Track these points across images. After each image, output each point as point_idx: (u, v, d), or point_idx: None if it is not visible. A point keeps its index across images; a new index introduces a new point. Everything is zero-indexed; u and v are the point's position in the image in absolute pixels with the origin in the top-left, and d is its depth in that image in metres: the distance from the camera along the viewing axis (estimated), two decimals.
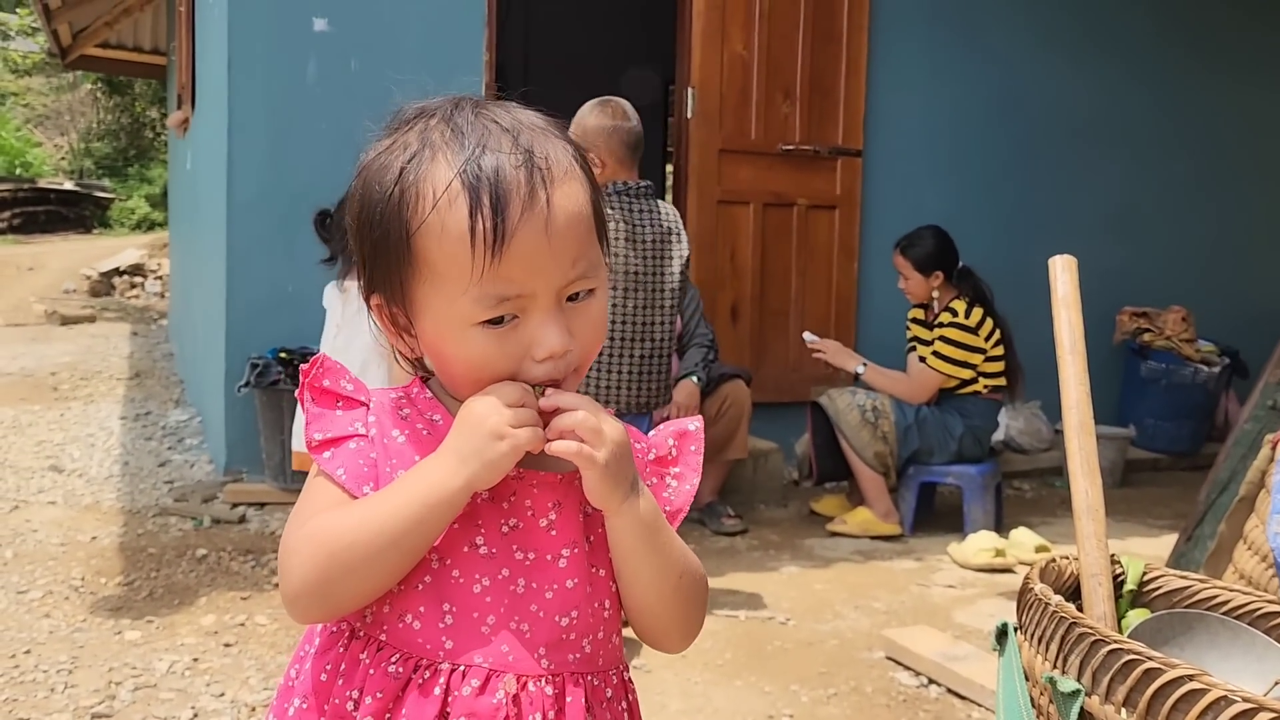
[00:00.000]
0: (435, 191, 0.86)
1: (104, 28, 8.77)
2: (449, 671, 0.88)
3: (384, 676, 0.88)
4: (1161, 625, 1.28)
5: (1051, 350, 1.43)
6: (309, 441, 0.93)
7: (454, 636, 0.89)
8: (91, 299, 10.80)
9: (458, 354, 0.89)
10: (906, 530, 3.98)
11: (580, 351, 0.90)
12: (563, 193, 0.87)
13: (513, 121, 0.90)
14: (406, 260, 0.88)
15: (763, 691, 2.56)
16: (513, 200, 0.84)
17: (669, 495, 0.99)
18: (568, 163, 0.90)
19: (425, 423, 0.94)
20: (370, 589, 0.89)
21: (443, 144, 0.87)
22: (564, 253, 0.86)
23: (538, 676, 0.89)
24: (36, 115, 17.23)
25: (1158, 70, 5.62)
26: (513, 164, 0.86)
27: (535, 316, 0.87)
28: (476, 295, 0.85)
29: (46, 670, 2.52)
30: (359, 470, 0.91)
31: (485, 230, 0.84)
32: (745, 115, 4.71)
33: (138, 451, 4.70)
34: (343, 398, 0.94)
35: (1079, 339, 1.41)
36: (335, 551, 0.87)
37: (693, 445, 1.00)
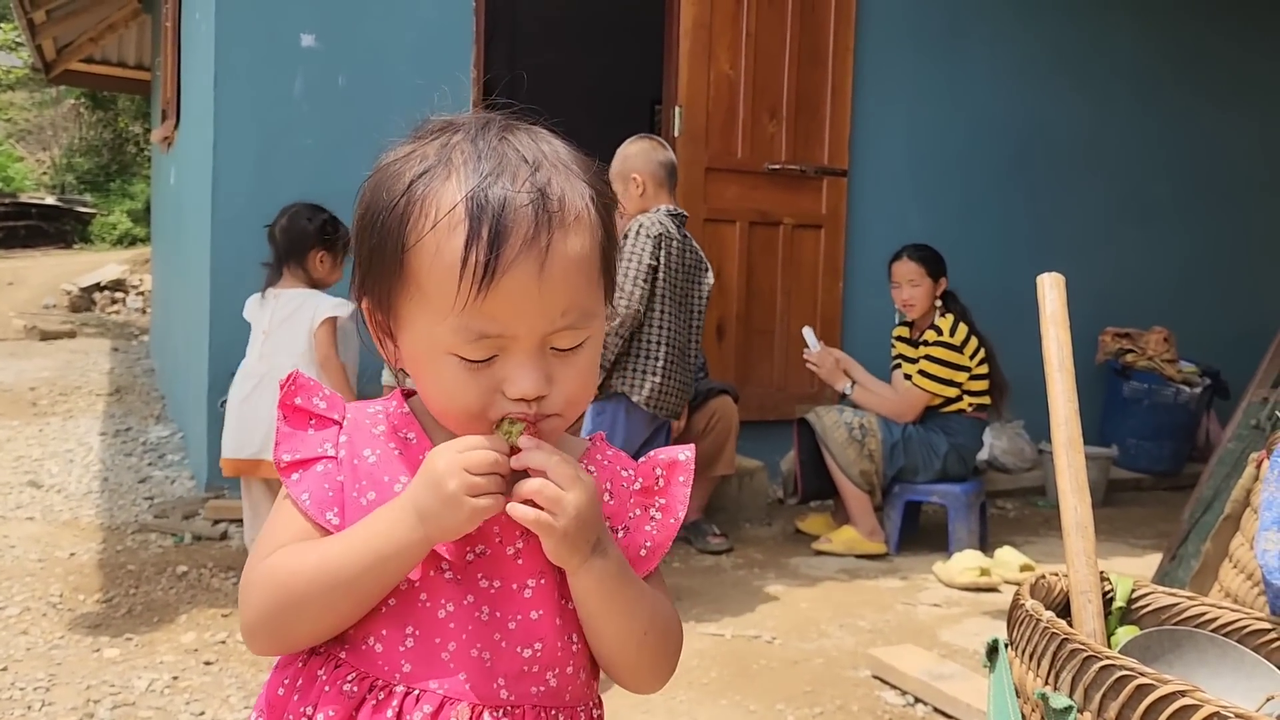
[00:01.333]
0: (438, 212, 0.84)
1: (88, 43, 8.75)
2: (403, 695, 0.86)
3: (339, 695, 0.87)
4: (1150, 642, 1.28)
5: (1035, 370, 1.44)
6: (277, 462, 0.91)
7: (413, 660, 0.87)
8: (72, 314, 10.73)
9: (432, 377, 0.88)
10: (892, 549, 3.98)
11: (560, 399, 0.88)
12: (568, 237, 0.85)
13: (536, 152, 0.87)
14: (398, 273, 0.86)
15: (748, 710, 2.54)
16: (511, 238, 0.82)
17: (650, 529, 0.95)
18: (582, 206, 0.87)
19: (399, 441, 0.92)
20: (324, 629, 0.88)
21: (459, 164, 0.85)
22: (554, 301, 0.84)
23: (494, 707, 0.87)
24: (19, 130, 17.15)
25: (1140, 93, 5.68)
26: (521, 201, 0.83)
27: (514, 357, 0.85)
28: (456, 325, 0.84)
29: (24, 688, 2.48)
30: (323, 495, 0.90)
31: (477, 263, 0.81)
32: (732, 134, 4.73)
33: (117, 467, 4.65)
34: (315, 415, 0.93)
35: (1067, 356, 1.41)
36: (290, 591, 0.86)
37: (681, 476, 0.96)
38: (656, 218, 3.57)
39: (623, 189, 3.62)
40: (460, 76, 4.25)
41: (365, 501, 0.89)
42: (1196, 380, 5.45)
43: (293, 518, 0.90)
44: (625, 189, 3.62)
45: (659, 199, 3.65)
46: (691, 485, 0.97)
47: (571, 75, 8.50)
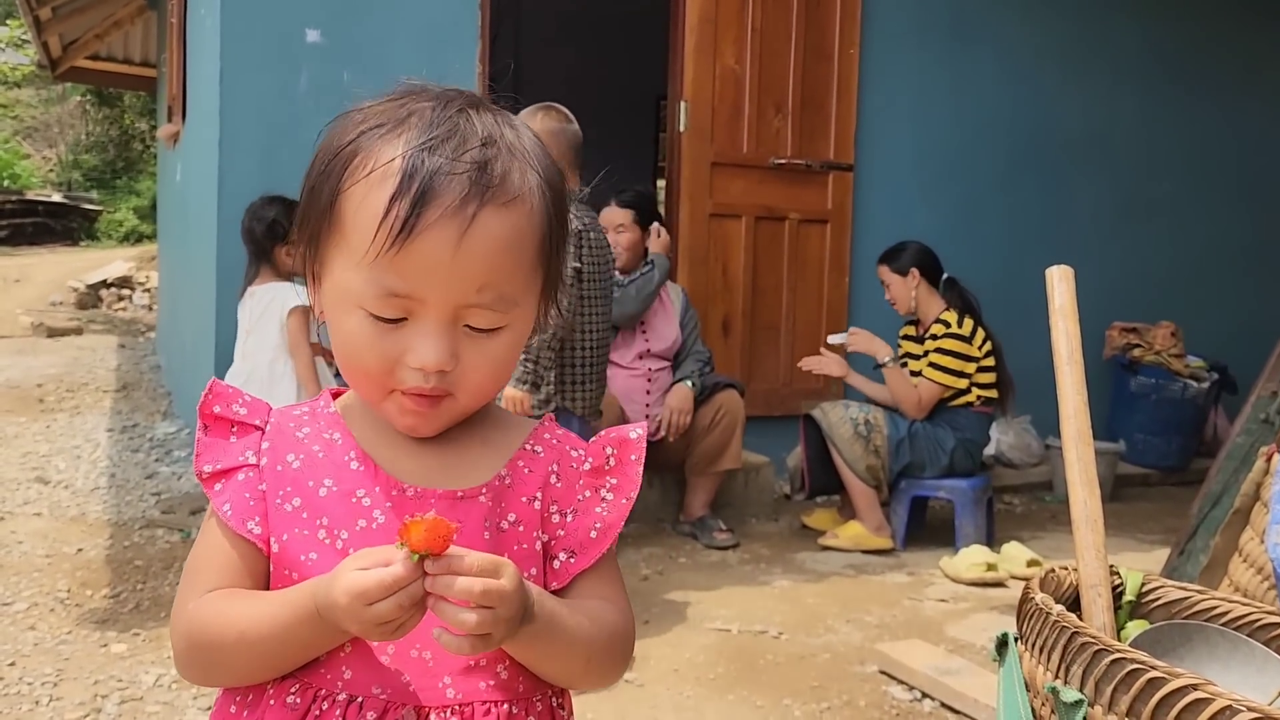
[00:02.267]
0: (377, 161, 0.84)
1: (94, 40, 8.76)
2: (346, 703, 0.85)
3: (282, 708, 0.86)
4: (1160, 636, 1.28)
5: (1041, 365, 1.43)
6: (199, 474, 0.90)
7: (353, 666, 0.85)
8: (79, 311, 10.74)
9: (340, 328, 0.87)
10: (898, 544, 3.98)
11: (463, 380, 0.86)
12: (498, 215, 0.83)
13: (494, 132, 0.86)
14: (328, 215, 0.86)
15: (755, 705, 2.54)
16: (438, 200, 0.81)
17: (601, 510, 0.92)
18: (524, 192, 0.85)
19: (323, 443, 0.91)
20: (251, 681, 0.87)
21: (412, 125, 0.85)
22: (470, 272, 0.82)
23: (441, 708, 0.85)
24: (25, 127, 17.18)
25: (1146, 87, 5.66)
26: (458, 169, 0.82)
27: (422, 324, 0.84)
28: (368, 277, 0.83)
29: (31, 683, 2.49)
30: (244, 505, 0.88)
31: (397, 217, 0.81)
32: (737, 129, 4.72)
33: (124, 463, 4.66)
34: (237, 423, 0.91)
35: (1076, 349, 1.41)
36: (211, 651, 0.86)
37: (633, 454, 0.94)
38: (572, 211, 3.36)
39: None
40: (465, 72, 4.24)
41: (290, 508, 0.87)
42: (1204, 375, 5.43)
43: (216, 537, 0.89)
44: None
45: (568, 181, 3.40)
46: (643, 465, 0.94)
47: (576, 71, 8.49)
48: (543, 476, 0.92)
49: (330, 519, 0.87)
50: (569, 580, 0.91)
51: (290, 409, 0.94)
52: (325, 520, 0.87)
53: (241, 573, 0.88)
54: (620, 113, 8.74)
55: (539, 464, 0.93)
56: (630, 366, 3.92)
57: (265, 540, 0.88)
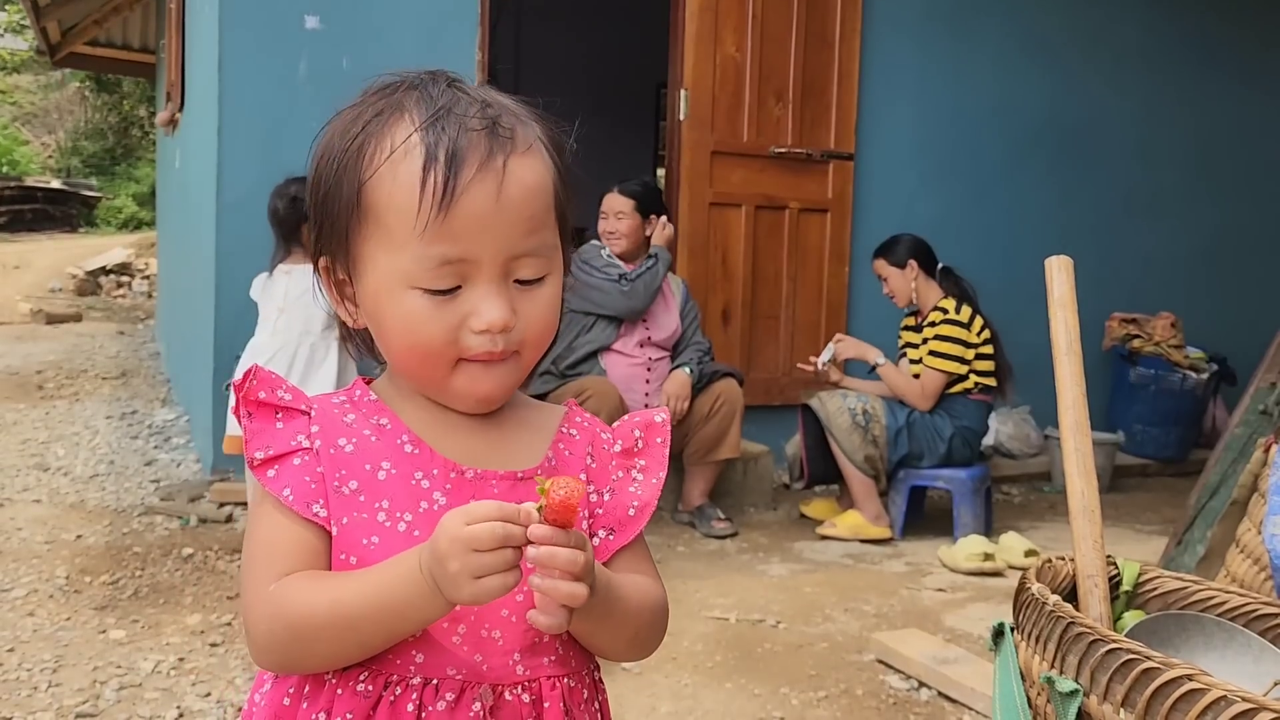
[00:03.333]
0: (394, 142, 0.85)
1: (93, 25, 8.73)
2: (421, 686, 0.85)
3: (353, 696, 0.85)
4: (1157, 627, 1.28)
5: (1041, 355, 1.43)
6: (250, 461, 0.89)
7: (424, 650, 0.85)
8: (78, 298, 10.73)
9: (394, 314, 0.86)
10: (896, 534, 3.98)
11: (524, 334, 0.87)
12: (523, 163, 0.86)
13: (485, 95, 0.90)
14: (355, 212, 0.86)
15: (753, 694, 2.55)
16: (469, 159, 0.83)
17: (635, 490, 0.95)
18: (533, 140, 0.88)
19: (373, 428, 0.90)
20: (341, 662, 0.86)
21: (410, 105, 0.87)
22: (516, 221, 0.85)
23: (514, 684, 0.86)
24: (24, 113, 17.14)
25: (1148, 77, 5.65)
26: (474, 126, 0.85)
27: (479, 287, 0.85)
28: (419, 253, 0.83)
29: (30, 669, 2.49)
30: (305, 488, 0.87)
31: (436, 183, 0.82)
32: (737, 118, 4.70)
33: (124, 450, 4.66)
34: (282, 408, 0.90)
35: (1075, 340, 1.40)
36: (302, 632, 0.84)
37: (659, 437, 0.97)
38: None
39: None
40: (465, 57, 4.23)
41: (348, 491, 0.87)
42: (1203, 366, 5.43)
43: (278, 520, 0.87)
44: None
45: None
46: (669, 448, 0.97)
47: (576, 58, 8.47)
48: (582, 458, 0.94)
49: (391, 502, 0.87)
50: (609, 557, 0.93)
51: (328, 397, 0.93)
52: (385, 503, 0.87)
53: (313, 555, 0.87)
54: (620, 100, 8.72)
55: (577, 446, 0.95)
56: (630, 355, 3.92)
57: (328, 522, 0.87)
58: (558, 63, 8.46)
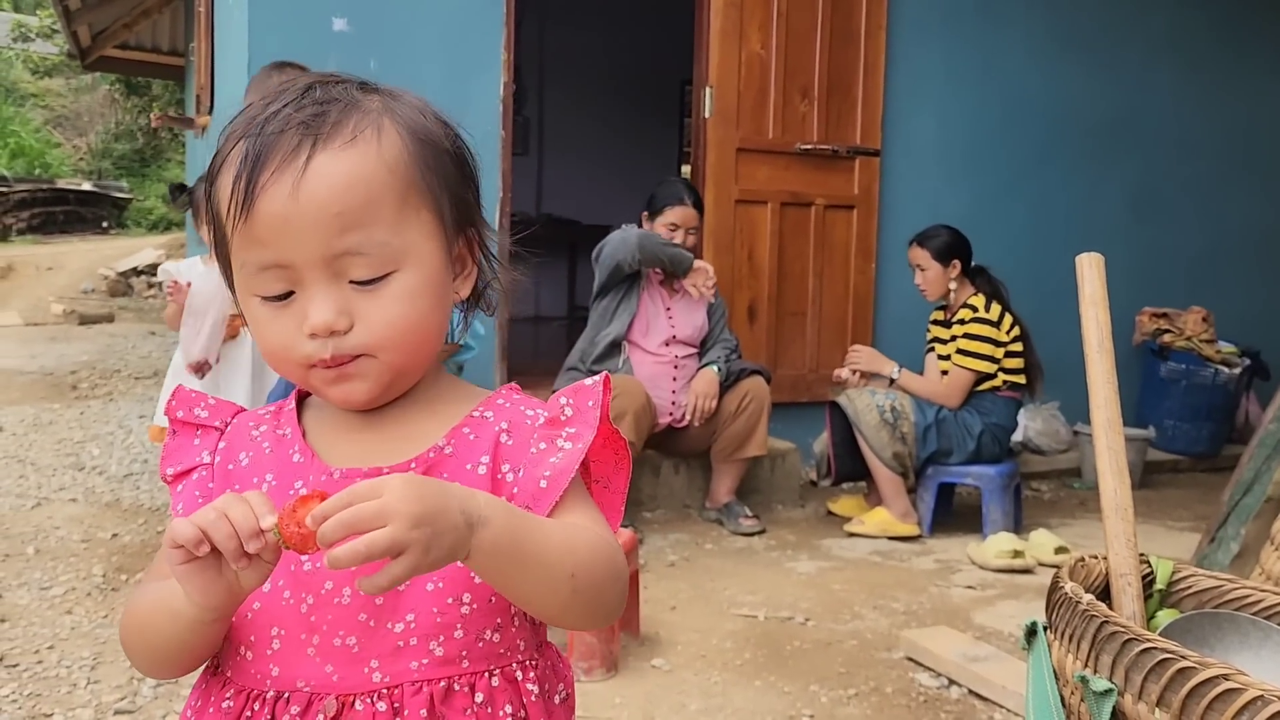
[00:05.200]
0: (230, 145, 0.85)
1: (123, 29, 8.83)
2: (274, 700, 0.84)
3: (218, 714, 0.86)
4: (1191, 625, 1.27)
5: (1070, 351, 1.42)
6: (163, 476, 0.92)
7: (280, 662, 0.85)
8: (110, 299, 10.86)
9: (249, 321, 0.88)
10: (925, 531, 3.97)
11: (364, 336, 0.83)
12: (336, 157, 0.82)
13: (343, 96, 0.86)
14: (214, 220, 0.88)
15: (782, 692, 2.55)
16: (270, 159, 0.81)
17: (554, 460, 0.87)
18: (368, 134, 0.83)
19: (273, 439, 0.91)
20: (162, 666, 0.87)
21: (258, 109, 0.85)
22: (321, 220, 0.81)
23: (366, 694, 0.83)
24: (56, 116, 17.34)
25: (1178, 69, 5.59)
26: (290, 125, 0.82)
27: (306, 290, 0.83)
28: (242, 259, 0.84)
29: (69, 666, 2.53)
30: (194, 504, 0.89)
31: (239, 186, 0.81)
32: (763, 115, 4.70)
33: (156, 450, 4.72)
34: (200, 426, 0.93)
35: (1107, 337, 1.40)
36: (126, 634, 0.87)
37: (589, 400, 0.89)
38: None
39: None
40: (490, 58, 4.25)
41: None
42: (1235, 361, 5.37)
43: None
44: None
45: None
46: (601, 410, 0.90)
47: (601, 56, 8.48)
48: (490, 440, 0.89)
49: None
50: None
51: (258, 410, 0.95)
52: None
53: None
54: (645, 98, 8.73)
55: (485, 428, 0.89)
56: (656, 353, 3.92)
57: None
58: (583, 62, 8.48)
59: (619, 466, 0.94)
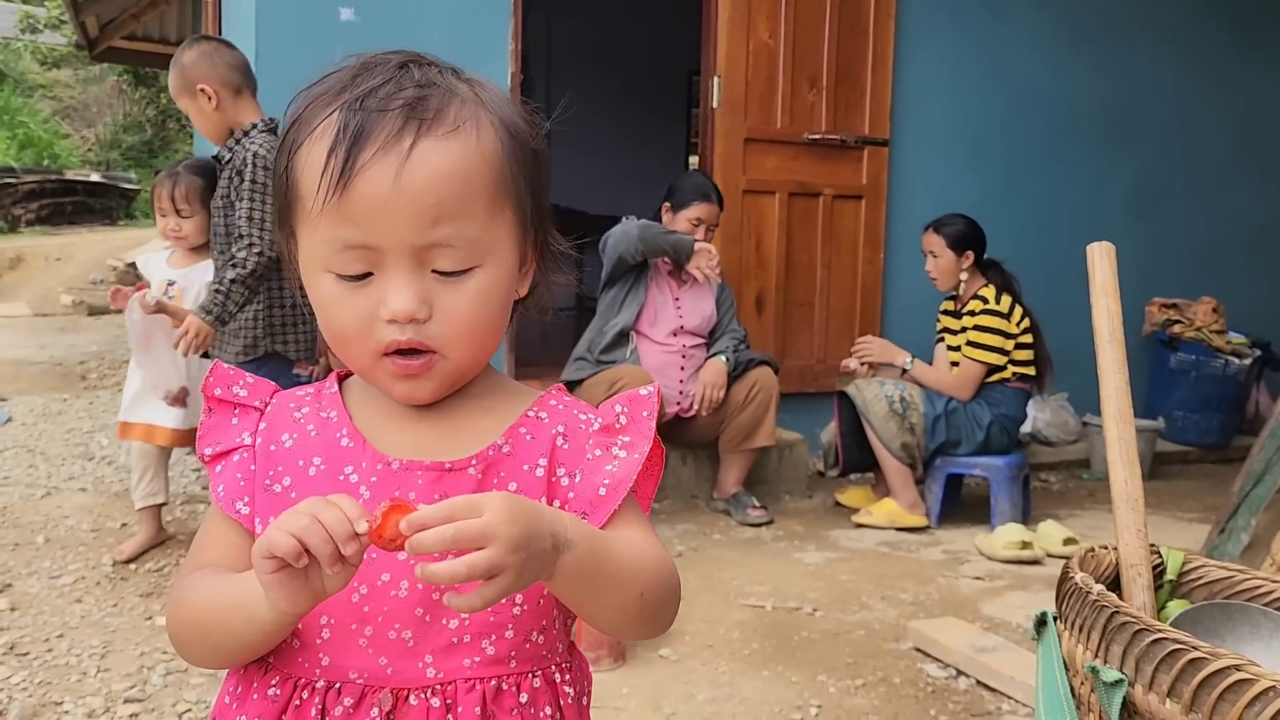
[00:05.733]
0: (319, 117, 0.83)
1: (130, 20, 8.82)
2: (324, 690, 0.83)
3: (265, 701, 0.85)
4: (1202, 616, 1.27)
5: (1078, 342, 1.42)
6: (201, 457, 0.90)
7: (330, 652, 0.84)
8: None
9: (315, 298, 0.85)
10: (933, 522, 3.96)
11: (443, 330, 0.83)
12: (436, 147, 0.81)
13: (438, 80, 0.84)
14: (287, 188, 0.85)
15: (790, 682, 2.55)
16: (373, 139, 0.80)
17: (612, 468, 0.87)
18: (468, 126, 0.83)
19: (318, 422, 0.89)
20: (227, 661, 0.87)
21: (347, 84, 0.84)
22: (417, 207, 0.80)
23: (421, 688, 0.83)
24: (64, 107, 17.36)
25: (1188, 58, 5.55)
26: (393, 106, 0.81)
27: (388, 274, 0.81)
28: (325, 235, 0.82)
29: (79, 654, 2.54)
30: (235, 485, 0.88)
31: (335, 162, 0.79)
32: (771, 104, 4.68)
33: None
34: (239, 405, 0.91)
35: (1118, 327, 1.39)
36: (184, 629, 0.86)
37: (644, 410, 0.90)
38: (265, 141, 2.91)
39: (192, 106, 2.98)
40: (497, 47, 4.24)
41: (279, 489, 0.86)
42: (1246, 351, 5.35)
43: (213, 517, 0.89)
44: (195, 106, 2.97)
45: (243, 111, 3.00)
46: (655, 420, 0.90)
47: (608, 46, 8.46)
48: (547, 442, 0.88)
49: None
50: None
51: (295, 391, 0.94)
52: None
53: (234, 551, 0.88)
54: (653, 88, 8.71)
55: (542, 429, 0.89)
56: (664, 343, 3.92)
57: (250, 521, 0.87)
58: (590, 51, 8.46)
59: (649, 474, 0.94)
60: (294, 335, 3.05)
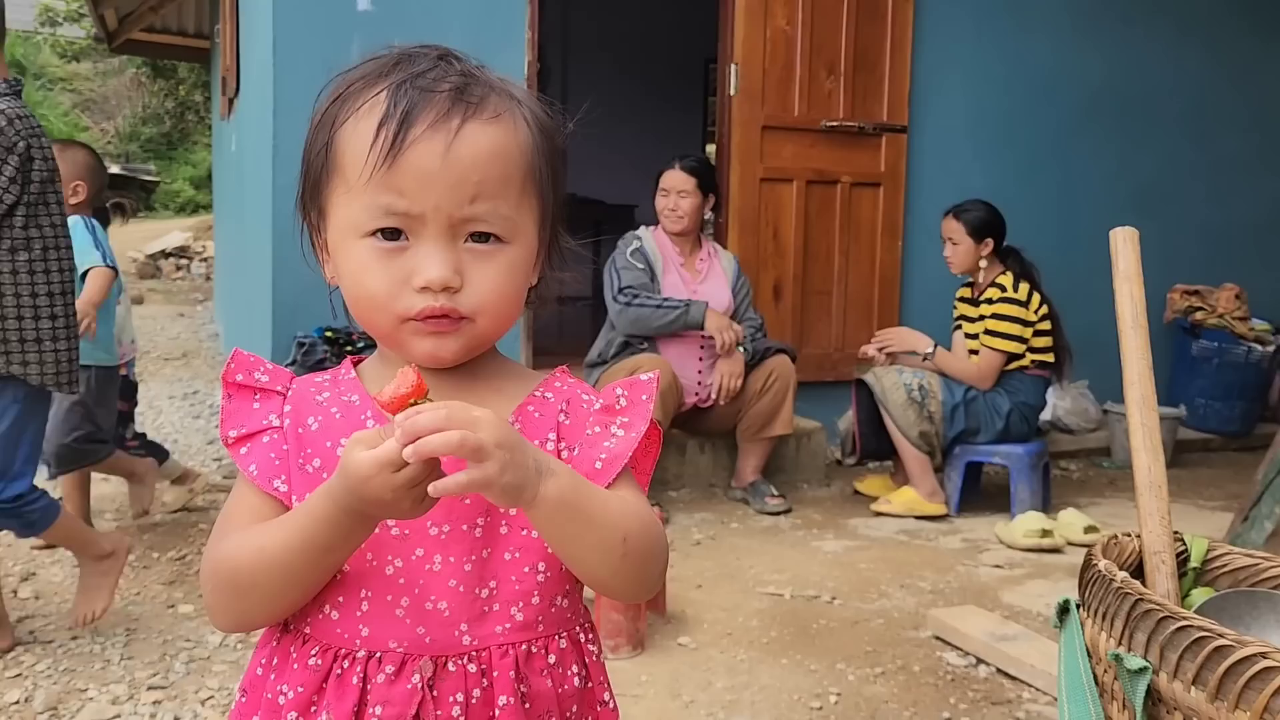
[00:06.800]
0: (363, 99, 0.88)
1: (148, 12, 8.86)
2: (365, 660, 0.87)
3: (305, 670, 0.88)
4: (1227, 604, 1.26)
5: (1098, 330, 1.41)
6: (224, 439, 0.93)
7: (370, 623, 0.88)
8: (139, 280, 10.96)
9: (346, 265, 0.89)
10: (952, 510, 3.95)
11: (474, 299, 0.87)
12: (482, 129, 0.87)
13: (476, 71, 0.91)
14: (325, 158, 0.89)
15: (808, 670, 2.55)
16: (423, 117, 0.85)
17: (609, 445, 0.91)
18: (507, 113, 0.89)
19: (341, 405, 0.93)
20: (278, 611, 0.89)
21: (391, 69, 0.89)
22: (461, 182, 0.85)
23: (458, 655, 0.87)
24: (84, 100, 17.46)
25: (1209, 42, 5.49)
26: (441, 88, 0.87)
27: (423, 244, 0.86)
28: (367, 202, 0.86)
29: (103, 642, 2.57)
30: (270, 464, 0.91)
31: (387, 135, 0.85)
32: (788, 92, 4.66)
33: (186, 430, 4.76)
34: (259, 389, 0.94)
35: (1141, 313, 1.38)
36: (236, 581, 0.87)
37: (644, 394, 0.94)
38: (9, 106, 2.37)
39: None
40: (514, 37, 4.23)
41: (311, 469, 0.90)
42: (1269, 338, 5.30)
43: (243, 493, 0.92)
44: None
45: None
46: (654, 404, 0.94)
47: (625, 34, 8.43)
48: (553, 419, 0.93)
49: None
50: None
51: (312, 377, 0.97)
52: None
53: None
54: (669, 76, 8.68)
55: (548, 408, 0.94)
56: (682, 334, 3.91)
57: (288, 498, 0.90)
58: (606, 40, 8.43)
59: (648, 451, 0.98)
60: (38, 354, 2.43)
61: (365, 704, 0.86)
